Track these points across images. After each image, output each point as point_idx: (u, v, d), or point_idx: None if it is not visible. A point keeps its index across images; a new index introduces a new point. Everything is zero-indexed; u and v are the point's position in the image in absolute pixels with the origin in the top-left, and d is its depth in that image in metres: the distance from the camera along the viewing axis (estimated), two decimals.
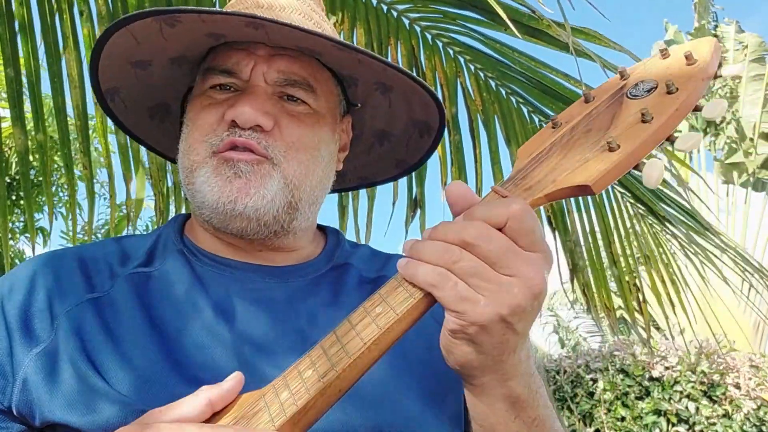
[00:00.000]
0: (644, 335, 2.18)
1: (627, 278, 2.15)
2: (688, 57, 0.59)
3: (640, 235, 2.23)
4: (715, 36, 9.35)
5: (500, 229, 0.58)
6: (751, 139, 8.67)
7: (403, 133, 0.98)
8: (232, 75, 0.82)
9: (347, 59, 0.85)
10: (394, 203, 2.03)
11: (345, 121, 0.93)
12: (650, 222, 2.24)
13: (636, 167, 0.61)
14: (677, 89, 0.58)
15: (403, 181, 2.06)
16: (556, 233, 2.16)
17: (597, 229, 2.18)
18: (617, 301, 2.34)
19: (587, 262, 2.14)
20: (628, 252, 2.18)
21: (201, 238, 0.86)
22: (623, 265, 2.15)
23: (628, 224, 2.21)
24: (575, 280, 2.15)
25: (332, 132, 0.87)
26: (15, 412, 0.71)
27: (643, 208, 2.21)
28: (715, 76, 0.59)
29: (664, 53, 0.61)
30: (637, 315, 2.18)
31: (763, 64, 8.92)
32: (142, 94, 0.94)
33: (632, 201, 2.21)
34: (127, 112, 0.97)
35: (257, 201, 0.77)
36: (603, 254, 2.19)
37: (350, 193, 2.06)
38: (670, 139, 0.61)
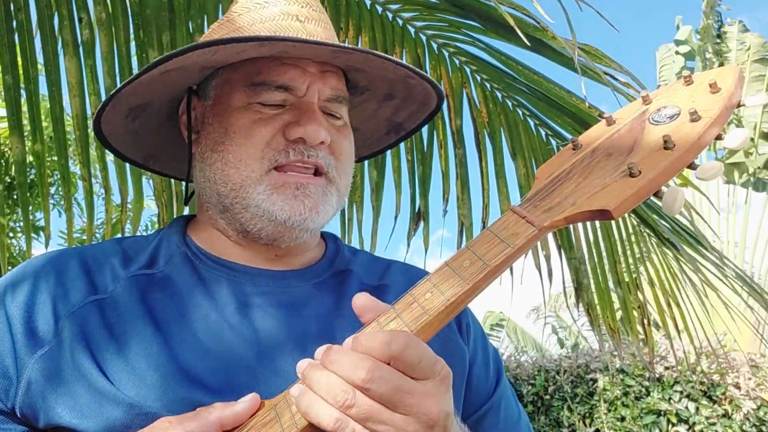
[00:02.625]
0: (648, 357, 2.15)
1: (632, 298, 2.11)
2: (713, 85, 0.58)
3: (639, 242, 2.19)
4: (719, 36, 9.36)
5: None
6: (752, 139, 8.70)
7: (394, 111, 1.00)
8: (288, 91, 0.82)
9: (383, 74, 0.88)
10: (396, 216, 2.01)
11: None
12: (646, 232, 2.21)
13: (656, 194, 0.61)
14: (700, 117, 0.57)
15: (406, 194, 2.04)
16: (562, 251, 2.13)
17: (602, 245, 2.15)
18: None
19: (591, 281, 2.10)
20: (632, 268, 2.14)
21: (207, 241, 0.85)
22: (628, 283, 2.12)
23: (633, 238, 2.17)
24: (580, 300, 2.11)
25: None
26: (18, 414, 0.71)
27: (637, 219, 2.18)
28: (738, 105, 0.58)
29: (687, 80, 0.61)
30: (641, 331, 2.14)
31: (765, 64, 8.92)
32: (127, 92, 0.84)
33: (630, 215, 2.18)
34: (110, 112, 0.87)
35: (323, 217, 0.81)
36: (608, 274, 2.15)
37: (354, 205, 2.04)
38: (692, 167, 0.60)
